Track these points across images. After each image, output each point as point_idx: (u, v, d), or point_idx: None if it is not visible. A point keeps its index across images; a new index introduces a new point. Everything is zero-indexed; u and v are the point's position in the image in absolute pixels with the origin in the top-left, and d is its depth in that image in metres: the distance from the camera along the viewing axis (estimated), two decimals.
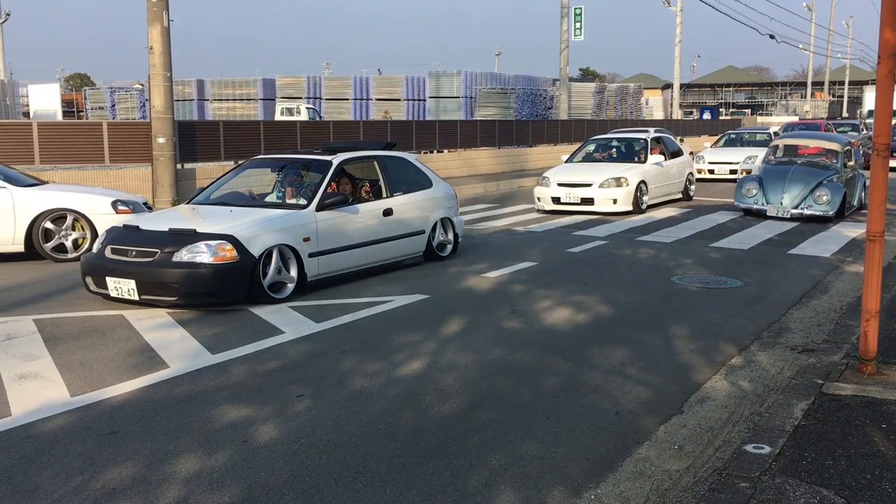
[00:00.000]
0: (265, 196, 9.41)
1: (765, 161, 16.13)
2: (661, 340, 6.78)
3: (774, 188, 14.63)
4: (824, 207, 14.07)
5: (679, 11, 43.29)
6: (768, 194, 14.65)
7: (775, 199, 14.53)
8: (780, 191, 14.53)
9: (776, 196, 14.54)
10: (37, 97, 43.50)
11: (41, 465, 4.36)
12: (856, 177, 15.78)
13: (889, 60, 5.27)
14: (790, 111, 69.66)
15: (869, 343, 5.43)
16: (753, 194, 14.84)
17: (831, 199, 14.06)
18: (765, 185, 14.90)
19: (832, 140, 16.09)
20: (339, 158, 9.40)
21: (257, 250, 7.90)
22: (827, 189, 14.18)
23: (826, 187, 14.25)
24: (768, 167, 15.49)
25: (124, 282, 7.72)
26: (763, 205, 14.63)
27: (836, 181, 14.52)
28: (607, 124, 33.51)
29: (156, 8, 15.10)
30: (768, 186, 14.80)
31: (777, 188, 14.59)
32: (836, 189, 14.22)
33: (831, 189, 14.19)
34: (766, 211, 14.54)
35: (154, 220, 8.56)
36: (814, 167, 15.05)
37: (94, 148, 16.03)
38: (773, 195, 14.57)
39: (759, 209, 14.67)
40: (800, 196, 14.33)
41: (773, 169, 15.30)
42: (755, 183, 15.04)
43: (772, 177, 15.03)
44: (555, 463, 4.39)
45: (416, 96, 43.06)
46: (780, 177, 14.84)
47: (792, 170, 14.91)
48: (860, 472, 3.96)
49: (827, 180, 14.46)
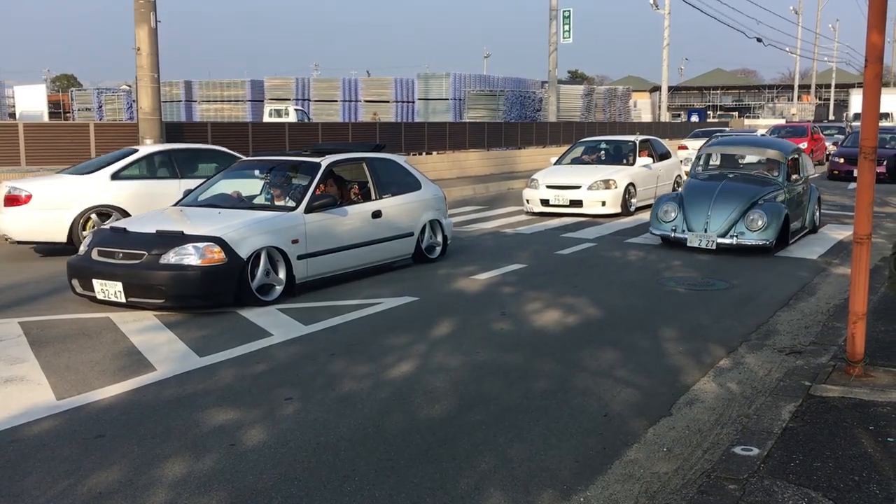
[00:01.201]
0: (254, 198, 9.37)
1: (691, 174, 12.77)
2: (649, 342, 6.79)
3: (697, 210, 11.36)
4: (759, 235, 10.86)
5: (667, 14, 43.46)
6: (690, 218, 11.36)
7: (698, 224, 11.24)
8: (703, 214, 11.26)
9: (699, 221, 11.26)
10: (23, 98, 43.22)
11: (27, 469, 4.33)
12: (805, 193, 12.83)
13: (876, 64, 5.30)
14: (777, 114, 70.00)
15: (856, 345, 5.46)
16: (672, 218, 11.53)
17: (768, 223, 10.88)
18: (686, 207, 11.51)
19: (773, 147, 12.99)
20: (327, 160, 9.38)
21: (245, 252, 7.87)
22: (762, 211, 10.96)
23: (761, 209, 11.00)
24: (693, 183, 12.23)
25: (111, 284, 7.67)
26: (683, 232, 11.35)
27: (777, 200, 11.54)
28: (596, 127, 33.64)
29: (143, 9, 15.04)
30: (690, 208, 11.44)
31: (700, 210, 11.32)
32: (773, 211, 11.05)
33: (768, 211, 10.99)
34: (686, 240, 11.27)
35: (141, 222, 8.52)
36: (750, 182, 11.96)
37: (80, 149, 15.95)
38: (696, 219, 11.29)
39: (677, 238, 11.39)
40: (728, 221, 11.09)
41: (699, 185, 11.97)
42: (674, 204, 11.68)
43: (695, 196, 11.63)
44: (544, 465, 4.39)
45: (405, 98, 43.10)
46: (705, 195, 11.49)
47: (720, 186, 11.61)
48: (848, 474, 3.98)
49: (764, 199, 11.35)
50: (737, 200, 11.23)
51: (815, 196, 13.22)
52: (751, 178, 12.17)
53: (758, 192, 11.45)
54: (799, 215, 12.32)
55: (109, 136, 16.46)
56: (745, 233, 10.90)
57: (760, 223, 10.85)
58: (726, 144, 14.09)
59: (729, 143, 14.35)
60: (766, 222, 10.86)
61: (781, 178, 11.97)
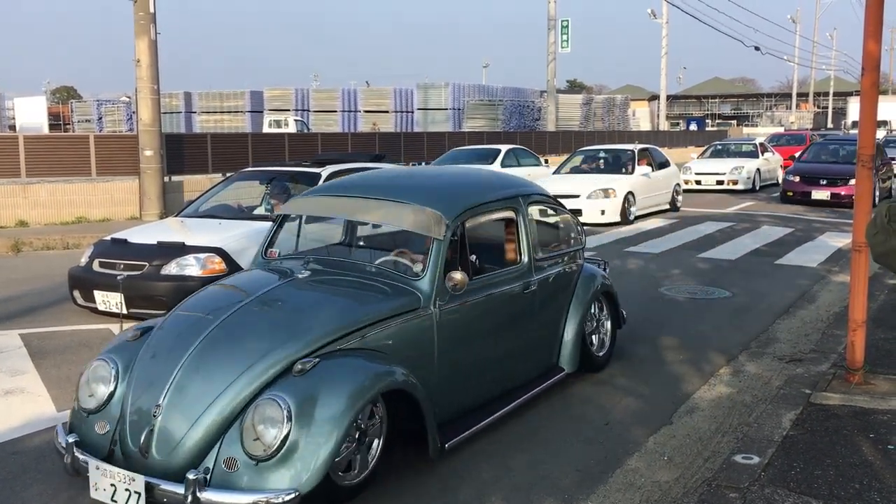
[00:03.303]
0: (254, 208, 9.38)
1: (254, 262, 5.52)
2: (649, 351, 6.79)
3: (148, 385, 3.98)
4: (272, 474, 3.65)
5: (665, 23, 43.62)
6: (130, 405, 3.97)
7: (138, 426, 3.86)
8: (157, 395, 3.89)
9: (142, 420, 3.87)
10: (23, 110, 43.28)
11: (28, 482, 4.33)
12: (567, 294, 5.91)
13: (873, 72, 5.33)
14: (776, 122, 70.14)
15: (856, 353, 5.46)
16: (94, 406, 4.09)
17: (293, 442, 3.66)
18: (134, 371, 4.09)
19: (407, 196, 5.03)
20: (328, 170, 9.38)
21: (246, 263, 7.86)
22: (284, 400, 3.71)
23: (287, 391, 3.78)
24: (175, 319, 4.45)
25: (113, 295, 7.66)
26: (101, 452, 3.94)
27: (354, 355, 4.14)
28: (594, 136, 33.67)
29: (143, 21, 15.09)
30: (140, 376, 4.07)
31: (155, 385, 3.94)
32: (318, 397, 3.78)
33: (303, 399, 3.75)
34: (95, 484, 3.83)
35: (142, 233, 8.53)
36: (339, 290, 4.73)
37: (80, 161, 15.96)
38: (137, 416, 3.91)
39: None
40: (203, 426, 3.77)
41: (176, 324, 4.37)
42: (112, 369, 4.15)
43: (166, 339, 4.25)
44: (545, 474, 4.39)
45: (404, 108, 43.14)
46: (180, 342, 4.13)
47: (231, 311, 4.27)
48: (849, 482, 3.98)
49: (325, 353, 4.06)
50: (244, 359, 3.96)
51: (591, 293, 6.05)
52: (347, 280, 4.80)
53: (337, 325, 4.22)
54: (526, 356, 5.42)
55: (110, 147, 16.47)
56: (235, 470, 3.67)
57: (272, 438, 3.66)
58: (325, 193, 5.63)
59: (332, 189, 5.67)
60: (286, 435, 3.66)
61: (427, 276, 4.56)
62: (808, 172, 18.93)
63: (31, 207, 14.92)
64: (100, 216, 15.65)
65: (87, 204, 15.71)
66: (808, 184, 18.51)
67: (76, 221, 15.27)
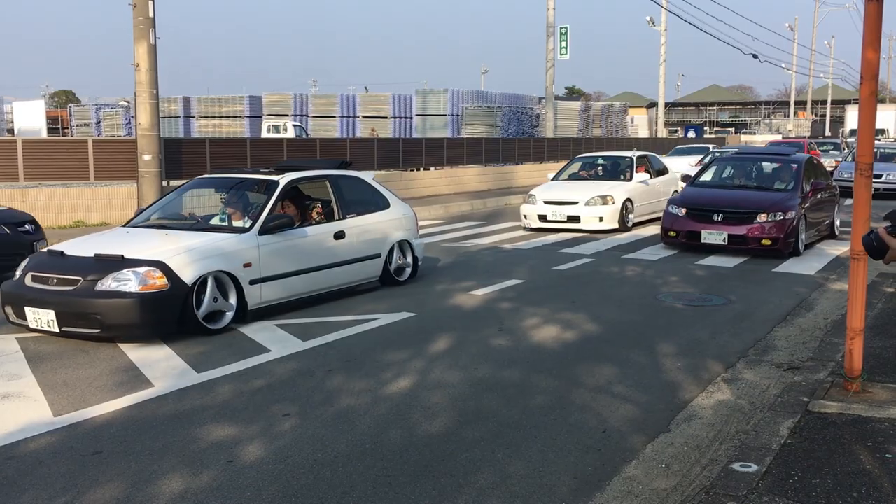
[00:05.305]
0: (210, 218, 8.78)
1: None
2: (647, 358, 6.79)
3: None
4: None
5: (663, 31, 43.73)
6: None
7: None
8: None
9: None
10: (21, 114, 43.32)
11: (24, 487, 4.31)
12: None
13: (871, 81, 5.34)
14: (773, 130, 70.23)
15: (854, 361, 5.46)
16: None
17: None
18: None
19: None
20: (286, 178, 8.81)
21: (190, 278, 7.29)
22: None
23: None
24: None
25: (43, 312, 7.10)
26: None
27: None
28: (593, 142, 33.74)
29: (142, 25, 15.10)
30: None
31: None
32: None
33: None
34: None
35: (81, 245, 7.93)
36: None
37: (79, 165, 15.96)
38: None
39: None
40: None
41: None
42: None
43: None
44: (543, 482, 4.38)
45: (402, 114, 43.18)
46: None
47: None
48: (847, 491, 3.97)
49: None
50: None
51: None
52: None
53: None
54: None
55: (108, 151, 16.46)
56: None
57: None
58: None
59: None
60: None
61: None
62: (700, 203, 12.67)
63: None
64: (98, 220, 15.65)
65: (86, 208, 15.71)
66: (697, 220, 12.38)
67: (74, 225, 15.27)
